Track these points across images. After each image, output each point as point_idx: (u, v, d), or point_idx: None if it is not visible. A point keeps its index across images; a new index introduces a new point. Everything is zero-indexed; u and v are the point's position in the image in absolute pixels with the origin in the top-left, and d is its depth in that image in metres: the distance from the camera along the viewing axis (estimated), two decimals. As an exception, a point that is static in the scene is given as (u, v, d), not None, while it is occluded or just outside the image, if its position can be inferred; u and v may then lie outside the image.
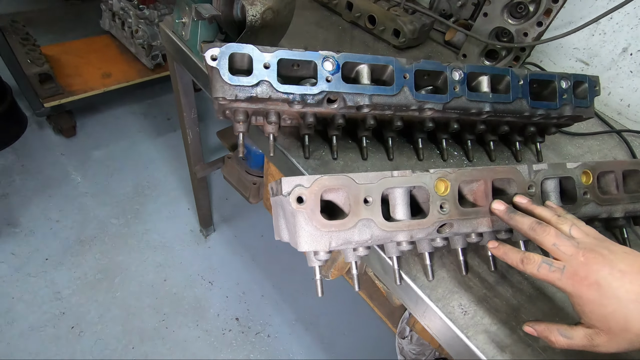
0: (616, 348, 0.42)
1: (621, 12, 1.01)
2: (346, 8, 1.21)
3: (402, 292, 0.65)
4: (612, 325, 0.41)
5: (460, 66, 0.73)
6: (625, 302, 0.40)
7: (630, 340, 0.40)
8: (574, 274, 0.43)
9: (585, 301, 0.42)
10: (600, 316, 0.41)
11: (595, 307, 0.41)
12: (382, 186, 0.48)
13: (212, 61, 0.61)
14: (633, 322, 0.40)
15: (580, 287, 0.42)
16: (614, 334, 0.41)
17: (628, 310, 0.40)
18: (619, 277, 0.41)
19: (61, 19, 2.81)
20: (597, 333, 0.42)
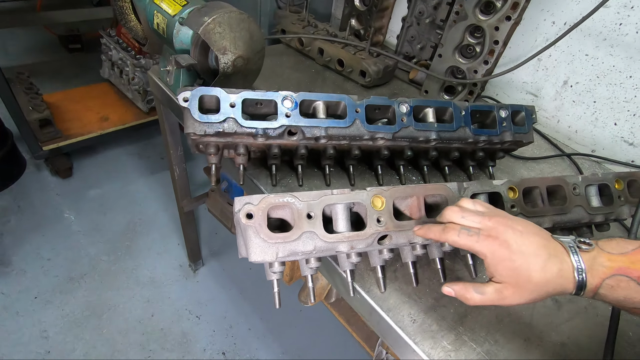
0: (519, 299, 0.48)
1: (557, 50, 1.14)
2: (318, 53, 1.35)
3: (358, 305, 0.70)
4: (519, 278, 0.47)
5: (406, 100, 0.83)
6: (527, 255, 0.47)
7: (531, 290, 0.47)
8: (487, 236, 0.49)
9: (499, 259, 0.48)
10: (510, 270, 0.47)
11: (507, 262, 0.47)
12: (322, 203, 0.55)
13: (184, 102, 0.71)
14: (534, 273, 0.46)
15: (494, 246, 0.48)
16: (519, 286, 0.47)
17: (530, 263, 0.46)
18: (519, 236, 0.48)
19: (64, 69, 3.01)
20: (505, 287, 0.48)
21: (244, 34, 0.87)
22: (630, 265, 0.44)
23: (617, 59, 1.04)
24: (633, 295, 0.44)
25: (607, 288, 0.45)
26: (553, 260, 0.47)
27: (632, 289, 0.44)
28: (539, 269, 0.46)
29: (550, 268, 0.46)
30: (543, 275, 0.46)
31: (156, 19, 0.94)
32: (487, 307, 0.69)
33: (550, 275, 0.46)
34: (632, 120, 1.07)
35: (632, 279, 0.43)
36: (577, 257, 0.47)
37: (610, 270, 0.45)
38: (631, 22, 0.99)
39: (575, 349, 0.65)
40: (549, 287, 0.47)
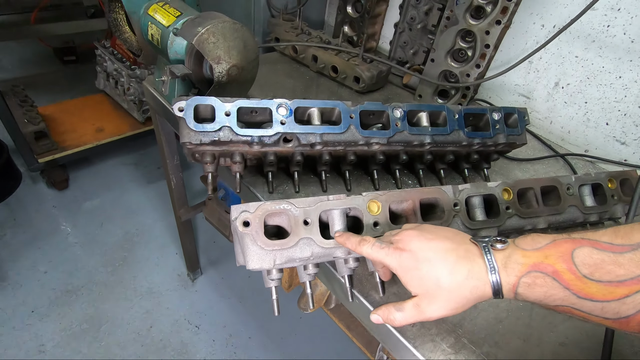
0: (437, 310, 0.46)
1: (548, 52, 1.15)
2: (312, 60, 1.36)
3: (357, 310, 0.70)
4: (428, 286, 0.45)
5: (400, 105, 0.84)
6: (434, 261, 0.46)
7: (445, 298, 0.45)
8: (396, 248, 0.49)
9: (406, 269, 0.47)
10: (418, 280, 0.46)
11: (414, 272, 0.46)
12: (319, 209, 0.55)
13: (179, 112, 0.71)
14: (442, 278, 0.45)
15: (401, 258, 0.47)
16: (431, 294, 0.46)
17: (437, 268, 0.45)
18: (426, 243, 0.47)
19: (59, 81, 3.01)
20: (420, 299, 0.46)
21: (237, 43, 0.88)
22: (544, 260, 0.42)
23: (606, 60, 1.05)
24: (552, 292, 0.41)
25: (524, 287, 0.42)
26: (462, 262, 0.45)
27: (549, 285, 0.41)
28: (447, 273, 0.45)
29: (458, 270, 0.45)
30: (452, 278, 0.44)
31: (150, 30, 0.95)
32: (485, 309, 0.69)
33: (460, 278, 0.44)
34: (623, 120, 1.08)
35: (548, 275, 0.41)
36: (490, 256, 0.44)
37: (525, 267, 0.43)
38: (618, 24, 1.00)
39: (574, 348, 0.65)
40: (463, 291, 0.45)
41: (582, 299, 0.40)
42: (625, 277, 0.37)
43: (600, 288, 0.39)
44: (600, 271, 0.39)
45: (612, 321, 0.39)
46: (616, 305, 0.38)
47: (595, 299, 0.39)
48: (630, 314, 0.37)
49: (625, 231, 0.40)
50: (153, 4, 0.96)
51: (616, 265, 0.38)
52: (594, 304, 0.39)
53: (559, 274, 0.40)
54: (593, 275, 0.39)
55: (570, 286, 0.40)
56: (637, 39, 0.98)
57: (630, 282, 0.37)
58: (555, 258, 0.41)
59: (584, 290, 0.39)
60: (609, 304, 0.38)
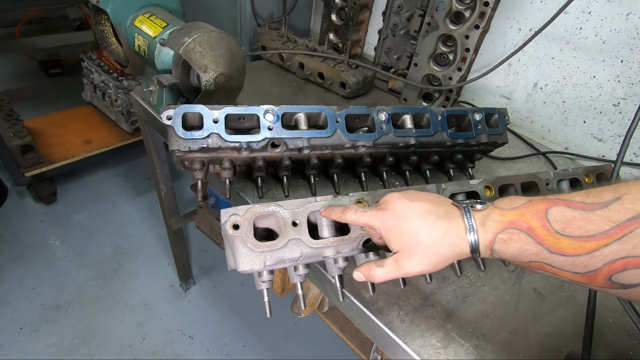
0: (416, 264, 0.48)
1: (525, 54, 1.20)
2: (299, 67, 1.39)
3: (348, 309, 0.71)
4: (407, 242, 0.48)
5: (385, 108, 0.86)
6: (413, 219, 0.49)
7: (424, 253, 0.48)
8: (378, 209, 0.52)
9: (388, 227, 0.50)
10: (399, 236, 0.49)
11: (395, 229, 0.49)
12: (307, 210, 0.57)
13: (168, 120, 0.72)
14: (422, 235, 0.48)
15: (384, 216, 0.51)
16: (411, 250, 0.48)
17: (416, 225, 0.48)
18: (407, 203, 0.51)
19: (45, 94, 2.99)
20: (400, 255, 0.49)
21: (224, 52, 0.90)
22: (520, 218, 0.44)
23: (581, 60, 1.10)
24: (526, 247, 0.43)
25: (500, 242, 0.45)
26: (441, 221, 0.48)
27: (523, 241, 0.43)
28: (427, 230, 0.48)
29: (437, 228, 0.47)
30: (431, 235, 0.47)
31: (137, 41, 0.96)
32: (473, 303, 0.71)
33: (438, 234, 0.47)
34: (600, 118, 1.12)
35: (522, 231, 0.43)
36: (469, 215, 0.47)
37: (501, 225, 0.45)
38: (590, 26, 1.05)
39: (559, 338, 0.67)
40: (441, 248, 0.47)
41: (554, 254, 0.41)
42: (595, 232, 0.39)
43: (570, 243, 0.40)
44: (571, 227, 0.41)
45: (581, 275, 0.41)
46: (585, 259, 0.40)
47: (566, 254, 0.41)
48: (598, 267, 0.39)
49: (596, 192, 0.42)
50: (139, 16, 0.97)
51: (586, 222, 0.40)
52: (565, 259, 0.41)
53: (533, 230, 0.43)
54: (565, 231, 0.41)
55: (544, 241, 0.42)
56: (608, 40, 1.03)
57: (599, 236, 0.39)
58: (530, 216, 0.43)
59: (555, 245, 0.41)
60: (579, 258, 0.40)
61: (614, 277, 0.39)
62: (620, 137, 1.10)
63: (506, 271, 0.78)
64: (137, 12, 0.98)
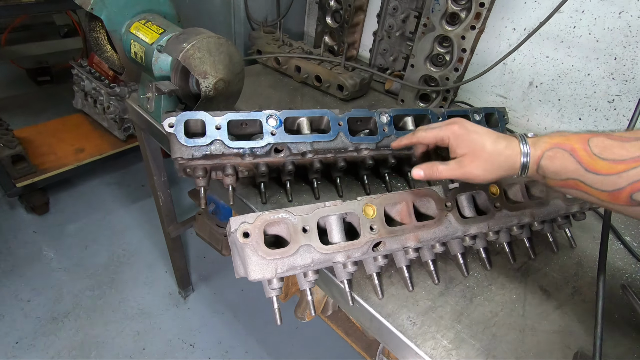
0: (476, 167, 0.59)
1: (520, 54, 1.21)
2: (295, 71, 1.38)
3: (357, 313, 0.71)
4: (474, 148, 0.59)
5: (386, 111, 0.87)
6: (481, 133, 0.60)
7: (485, 159, 0.58)
8: (448, 124, 0.64)
9: (458, 135, 0.61)
10: (468, 142, 0.60)
11: (465, 137, 0.61)
12: (317, 215, 0.57)
13: (170, 128, 0.71)
14: (487, 144, 0.58)
15: (454, 128, 0.62)
16: (476, 154, 0.59)
17: (483, 137, 0.59)
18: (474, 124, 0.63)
19: (34, 102, 2.93)
20: (465, 157, 0.60)
21: (223, 58, 0.89)
22: (565, 141, 0.53)
23: (575, 59, 1.11)
24: (567, 164, 0.51)
25: (546, 158, 0.54)
26: (502, 139, 0.59)
27: (565, 159, 0.52)
28: (491, 142, 0.58)
29: (500, 142, 0.58)
30: (494, 146, 0.58)
31: (133, 48, 0.95)
32: (481, 303, 0.71)
33: (500, 147, 0.57)
34: (595, 115, 1.14)
35: (566, 151, 0.52)
36: (524, 137, 0.57)
37: (549, 145, 0.54)
38: (583, 25, 1.07)
39: (568, 335, 0.68)
40: (500, 158, 0.57)
41: (589, 172, 0.49)
42: (626, 157, 0.47)
43: (605, 164, 0.48)
44: (607, 152, 0.48)
45: (608, 194, 0.49)
46: (614, 178, 0.47)
47: (599, 173, 0.49)
48: (623, 186, 0.47)
49: (635, 131, 0.50)
50: (135, 22, 0.96)
51: (621, 149, 0.48)
52: (597, 177, 0.49)
53: (575, 151, 0.51)
54: (601, 154, 0.49)
55: (582, 161, 0.50)
56: (602, 39, 1.05)
57: (629, 160, 0.46)
58: (575, 140, 0.52)
59: (592, 164, 0.49)
60: (609, 177, 0.48)
61: (635, 195, 0.46)
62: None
63: (512, 270, 0.79)
64: (132, 18, 0.97)
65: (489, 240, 0.74)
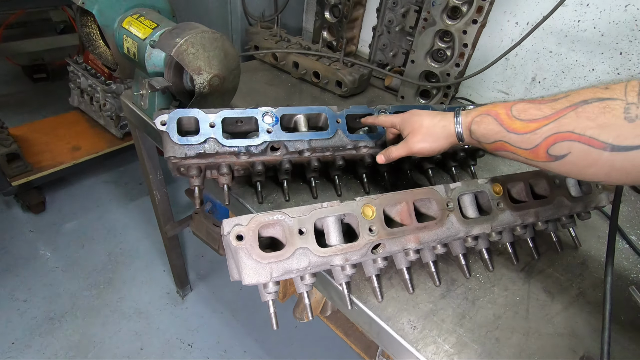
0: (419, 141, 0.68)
1: (523, 49, 1.18)
2: (293, 67, 1.36)
3: (356, 316, 0.69)
4: (414, 126, 0.69)
5: (386, 107, 0.84)
6: (421, 114, 0.70)
7: (424, 132, 0.67)
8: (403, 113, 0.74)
9: (405, 120, 0.71)
10: (410, 123, 0.70)
11: (409, 120, 0.71)
12: (313, 217, 0.54)
13: (162, 126, 0.69)
14: (424, 121, 0.68)
15: (404, 115, 0.72)
16: (416, 131, 0.68)
17: (422, 117, 0.69)
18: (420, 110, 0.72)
19: (30, 100, 2.91)
20: (409, 136, 0.69)
21: (218, 53, 0.86)
22: (492, 108, 0.59)
23: (579, 53, 1.09)
24: (491, 127, 0.57)
25: (475, 124, 0.60)
26: (439, 115, 0.68)
27: (490, 122, 0.57)
28: (429, 118, 0.68)
29: (435, 118, 0.67)
30: (430, 121, 0.67)
31: (126, 43, 0.92)
32: (483, 305, 0.69)
33: (436, 120, 0.67)
34: (599, 111, 1.11)
35: (490, 115, 0.58)
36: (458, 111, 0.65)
37: (477, 112, 0.61)
38: (588, 19, 1.04)
39: (573, 338, 0.66)
40: (437, 129, 0.66)
41: (510, 133, 0.54)
42: (539, 116, 0.51)
43: (522, 124, 0.53)
44: (524, 113, 0.53)
45: (529, 152, 0.52)
46: (530, 136, 0.51)
47: (518, 132, 0.53)
48: (538, 143, 0.51)
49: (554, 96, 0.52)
50: (127, 17, 0.93)
51: (537, 110, 0.52)
52: (517, 136, 0.53)
53: (498, 115, 0.57)
54: (519, 116, 0.54)
55: (504, 122, 0.55)
56: (607, 33, 1.02)
57: (541, 119, 0.50)
58: (500, 107, 0.58)
59: (511, 125, 0.54)
60: (527, 136, 0.52)
61: (550, 150, 0.50)
62: (620, 130, 1.09)
63: (515, 271, 0.77)
64: (124, 13, 0.94)
65: (492, 240, 0.72)
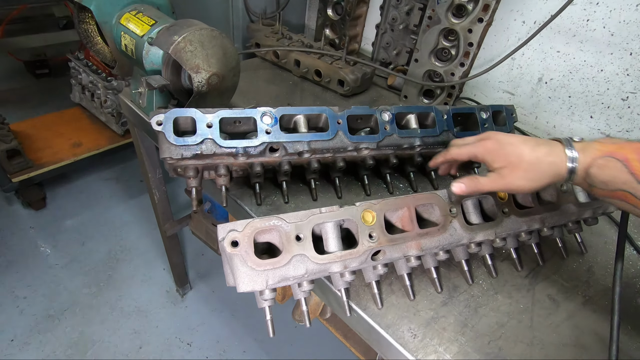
0: (517, 177, 0.56)
1: (530, 48, 1.16)
2: (294, 65, 1.33)
3: (355, 323, 0.67)
4: (511, 159, 0.56)
5: (388, 108, 0.82)
6: (515, 143, 0.57)
7: (525, 169, 0.55)
8: (480, 139, 0.62)
9: (491, 150, 0.59)
10: (503, 156, 0.57)
11: (499, 151, 0.58)
12: (311, 222, 0.53)
13: (158, 126, 0.67)
14: (524, 154, 0.55)
15: (486, 144, 0.60)
16: (514, 165, 0.56)
17: (519, 148, 0.56)
18: (508, 135, 0.59)
19: (32, 95, 2.90)
20: (503, 169, 0.57)
21: (216, 51, 0.85)
22: (619, 150, 0.49)
23: (588, 54, 1.06)
24: (619, 175, 0.48)
25: (597, 167, 0.50)
26: (542, 145, 0.56)
27: (618, 170, 0.48)
28: (529, 150, 0.55)
29: (539, 149, 0.55)
30: (533, 154, 0.55)
31: (124, 40, 0.91)
32: (486, 313, 0.67)
33: (540, 154, 0.54)
34: (607, 113, 1.09)
35: (619, 160, 0.49)
36: (569, 142, 0.54)
37: (600, 153, 0.51)
38: (598, 18, 1.01)
39: (578, 348, 0.64)
40: (542, 165, 0.54)
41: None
42: None
43: None
44: None
45: None
46: None
47: None
48: None
49: None
50: (125, 13, 0.91)
51: None
52: None
53: (629, 162, 0.48)
54: None
55: (636, 171, 0.47)
56: (617, 32, 0.99)
57: None
58: (629, 150, 0.49)
59: None
60: None
61: None
62: (629, 132, 1.06)
63: (519, 277, 0.75)
64: (122, 9, 0.92)
65: (495, 246, 0.70)
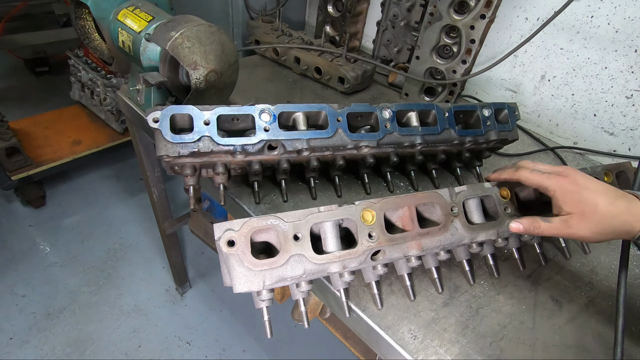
0: (584, 229, 0.52)
1: (533, 45, 1.14)
2: (294, 62, 1.32)
3: (355, 324, 0.66)
4: (584, 207, 0.52)
5: (389, 105, 0.81)
6: (595, 192, 0.53)
7: (597, 222, 0.51)
8: (557, 174, 0.56)
9: (566, 191, 0.54)
10: (577, 201, 0.53)
11: (575, 195, 0.53)
12: (309, 222, 0.51)
13: (154, 123, 0.66)
14: (601, 205, 0.51)
15: (562, 182, 0.55)
16: (585, 216, 0.52)
17: (598, 197, 0.52)
18: (588, 178, 0.55)
19: (32, 93, 2.89)
20: (572, 217, 0.53)
21: (215, 47, 0.83)
22: None
23: (592, 51, 1.05)
24: None
25: None
26: (621, 199, 0.51)
27: None
28: (607, 202, 0.51)
29: (618, 204, 0.51)
30: (611, 208, 0.51)
31: (121, 36, 0.90)
32: (488, 314, 0.66)
33: (619, 210, 0.51)
34: (611, 111, 1.07)
35: None
36: None
37: None
38: (602, 14, 1.00)
39: (580, 350, 0.63)
40: (615, 222, 0.50)
41: None
42: None
43: None
44: None
45: None
46: None
47: None
48: None
49: None
50: (123, 9, 0.90)
51: None
52: None
53: None
54: None
55: None
56: (622, 29, 0.98)
57: None
58: None
59: None
60: None
61: None
62: (633, 130, 1.05)
63: (521, 278, 0.73)
64: (120, 5, 0.91)
65: (497, 246, 0.69)
